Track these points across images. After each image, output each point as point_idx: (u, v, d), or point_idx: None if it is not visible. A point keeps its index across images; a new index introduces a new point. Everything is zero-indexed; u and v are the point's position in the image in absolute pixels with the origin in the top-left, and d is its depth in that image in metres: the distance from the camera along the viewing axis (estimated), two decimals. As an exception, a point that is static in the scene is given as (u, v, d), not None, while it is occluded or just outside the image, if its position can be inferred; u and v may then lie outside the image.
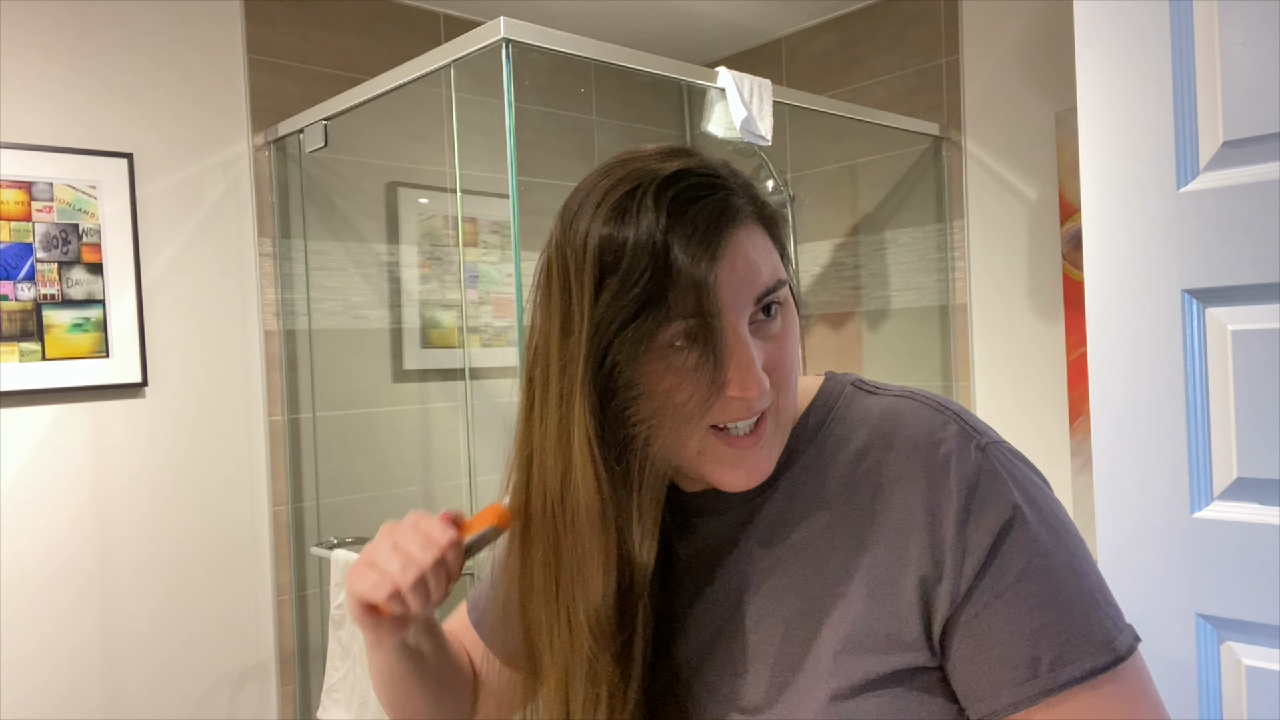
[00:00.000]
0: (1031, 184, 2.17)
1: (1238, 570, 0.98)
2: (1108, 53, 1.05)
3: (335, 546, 2.11)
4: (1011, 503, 0.59)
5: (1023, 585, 0.58)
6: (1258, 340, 0.97)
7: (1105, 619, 0.58)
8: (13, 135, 1.80)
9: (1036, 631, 0.57)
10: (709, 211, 0.57)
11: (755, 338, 0.60)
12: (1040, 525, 0.60)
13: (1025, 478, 0.62)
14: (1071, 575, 0.59)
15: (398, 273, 2.32)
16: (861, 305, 2.53)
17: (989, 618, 0.58)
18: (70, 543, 1.87)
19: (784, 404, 0.62)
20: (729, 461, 0.61)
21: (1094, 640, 0.57)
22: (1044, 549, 0.59)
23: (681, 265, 0.55)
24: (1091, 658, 0.57)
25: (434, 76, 1.70)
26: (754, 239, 0.60)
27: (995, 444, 0.62)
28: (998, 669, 0.58)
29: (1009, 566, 0.58)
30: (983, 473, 0.60)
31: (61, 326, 1.84)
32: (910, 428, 0.63)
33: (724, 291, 0.57)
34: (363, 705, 1.96)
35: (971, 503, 0.59)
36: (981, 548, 0.58)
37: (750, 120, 1.87)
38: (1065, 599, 0.58)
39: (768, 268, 0.60)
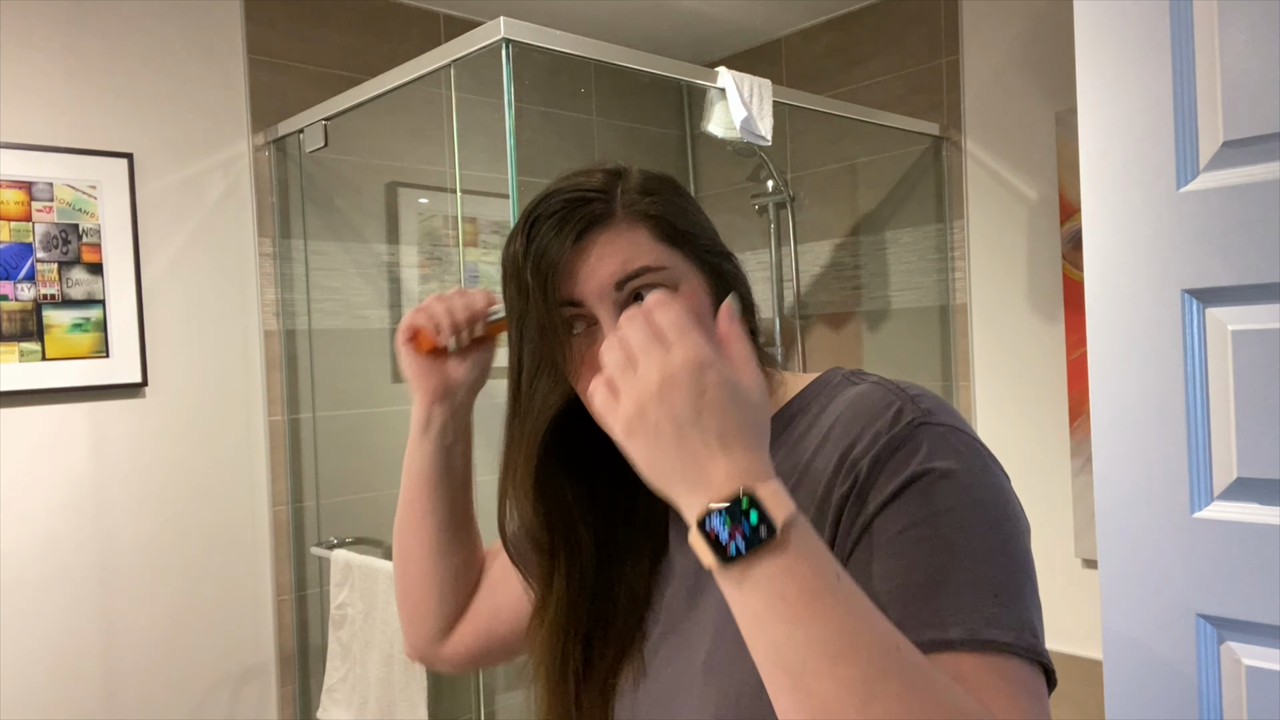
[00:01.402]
0: (1031, 184, 2.17)
1: (1238, 570, 0.98)
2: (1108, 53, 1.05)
3: (335, 546, 2.11)
4: (919, 469, 0.58)
5: (895, 545, 0.56)
6: (1258, 340, 0.97)
7: (976, 607, 0.53)
8: (13, 135, 1.80)
9: (889, 592, 0.55)
10: (563, 217, 0.66)
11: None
12: (945, 497, 0.57)
13: (960, 456, 0.59)
14: (954, 554, 0.55)
15: (398, 273, 2.32)
16: (861, 305, 2.53)
17: (856, 571, 0.56)
18: (70, 543, 1.87)
19: None
20: None
21: (947, 616, 0.53)
22: (935, 518, 0.56)
23: (539, 271, 0.65)
24: (936, 629, 0.53)
25: (434, 76, 1.70)
26: (616, 237, 0.66)
27: (938, 424, 0.61)
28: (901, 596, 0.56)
29: (891, 525, 0.57)
30: (906, 443, 0.60)
31: (61, 326, 1.84)
32: (856, 408, 0.65)
33: (579, 283, 0.65)
34: (363, 705, 1.96)
35: (882, 467, 0.59)
36: (875, 506, 0.58)
37: (750, 120, 1.87)
38: (933, 569, 0.55)
39: (626, 258, 0.65)
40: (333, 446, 2.21)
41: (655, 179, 0.70)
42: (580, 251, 0.65)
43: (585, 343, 0.67)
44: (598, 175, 0.68)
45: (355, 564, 1.99)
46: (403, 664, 1.87)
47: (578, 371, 0.67)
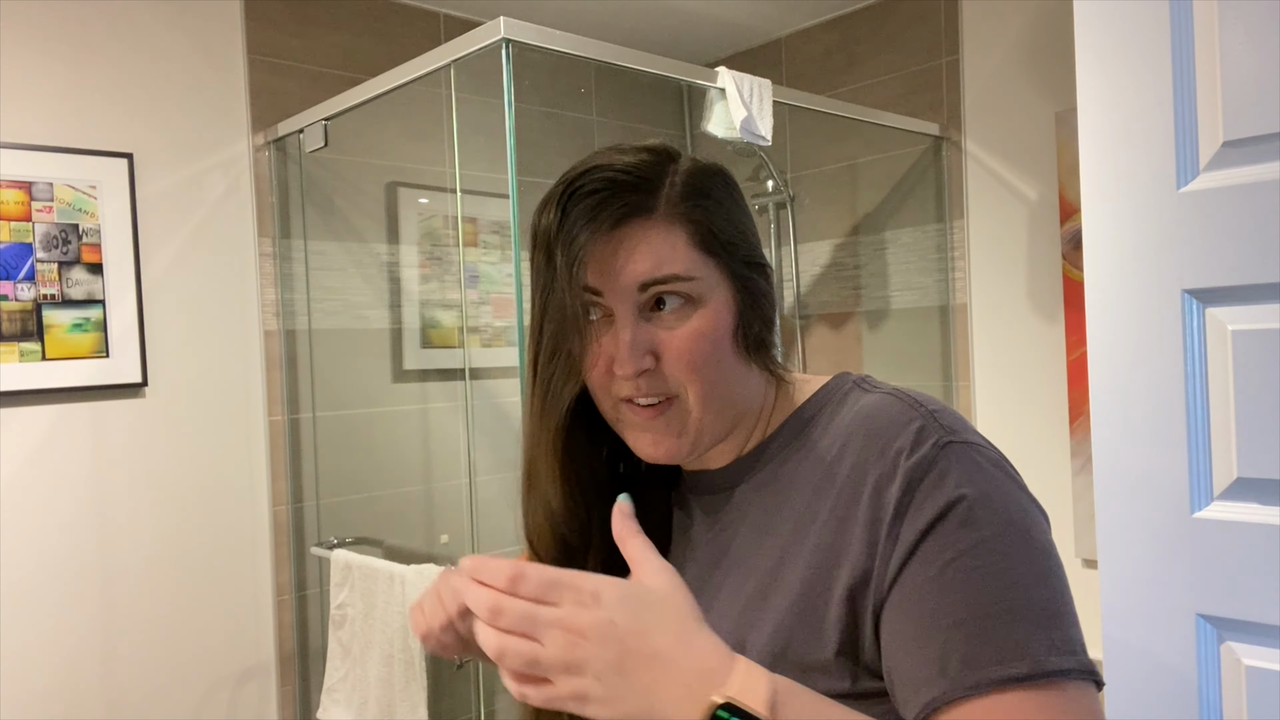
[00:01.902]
0: (1031, 184, 2.17)
1: (1238, 570, 0.98)
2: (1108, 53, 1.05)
3: (335, 546, 2.11)
4: (953, 496, 0.57)
5: (946, 576, 0.55)
6: (1258, 340, 0.97)
7: (1034, 635, 0.53)
8: (13, 135, 1.80)
9: (949, 629, 0.54)
10: (598, 202, 0.63)
11: (649, 324, 0.64)
12: (984, 524, 0.56)
13: (988, 477, 0.59)
14: (1002, 582, 0.55)
15: (398, 273, 2.32)
16: (861, 305, 2.53)
17: (909, 607, 0.56)
18: (70, 543, 1.87)
19: (695, 396, 0.65)
20: (637, 428, 0.66)
21: (1010, 649, 0.53)
22: (978, 547, 0.55)
23: (566, 248, 0.62)
24: (1003, 666, 0.52)
25: (434, 76, 1.70)
26: (653, 233, 0.63)
27: (962, 443, 0.60)
28: (913, 665, 0.55)
29: (936, 558, 0.56)
30: (933, 467, 0.58)
31: (61, 326, 1.84)
32: (875, 422, 0.63)
33: (601, 275, 0.63)
34: (363, 705, 1.96)
35: (912, 496, 0.58)
36: (912, 536, 0.57)
37: (750, 120, 1.87)
38: (990, 600, 0.54)
39: (654, 262, 0.63)
40: (333, 446, 2.22)
41: (707, 174, 0.67)
42: (613, 242, 0.63)
43: (600, 330, 0.65)
44: (647, 157, 0.66)
45: (355, 564, 1.99)
46: (403, 664, 1.87)
47: (589, 358, 0.65)
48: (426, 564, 1.87)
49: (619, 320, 0.64)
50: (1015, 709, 0.52)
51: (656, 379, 0.64)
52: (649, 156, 0.66)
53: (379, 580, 1.92)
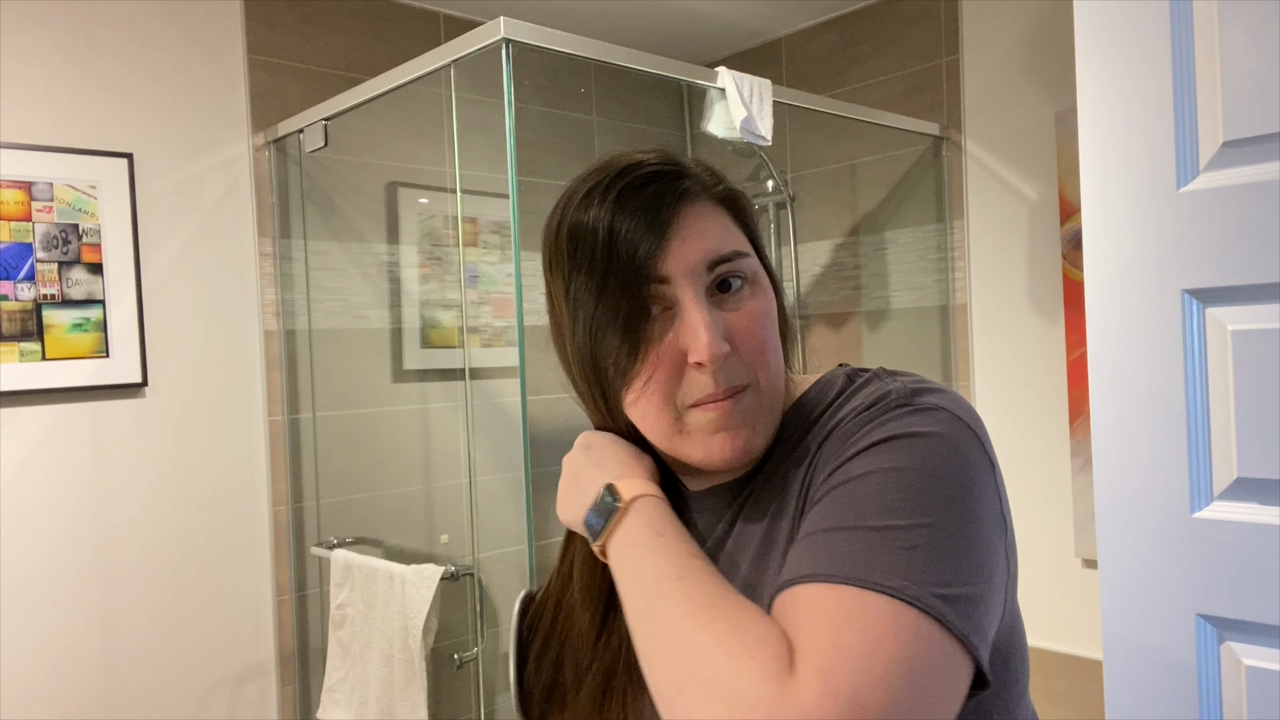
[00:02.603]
0: (1031, 184, 2.17)
1: (1238, 570, 0.98)
2: (1108, 53, 1.05)
3: (335, 546, 2.11)
4: (877, 438, 0.57)
5: (824, 501, 0.56)
6: (1258, 340, 0.97)
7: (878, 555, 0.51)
8: (13, 135, 1.80)
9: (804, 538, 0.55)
10: (655, 191, 0.62)
11: (716, 309, 0.62)
12: (887, 461, 0.55)
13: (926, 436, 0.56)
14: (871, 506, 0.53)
15: (398, 273, 2.32)
16: (861, 305, 2.53)
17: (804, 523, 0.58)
18: (70, 543, 1.87)
19: (764, 380, 0.63)
20: (708, 430, 0.63)
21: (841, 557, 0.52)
22: (867, 476, 0.55)
23: (628, 241, 0.60)
24: (824, 564, 0.52)
25: (434, 76, 1.70)
26: (706, 213, 0.63)
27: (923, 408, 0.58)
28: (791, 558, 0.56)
29: (828, 484, 0.57)
30: (880, 417, 0.59)
31: (61, 326, 1.84)
32: (855, 401, 0.63)
33: (671, 259, 0.61)
34: (363, 705, 1.96)
35: (855, 430, 0.59)
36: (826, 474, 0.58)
37: (750, 120, 1.87)
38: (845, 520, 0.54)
39: (720, 238, 0.63)
40: (333, 446, 2.22)
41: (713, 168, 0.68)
42: (675, 227, 0.61)
43: (660, 328, 0.62)
44: (655, 155, 0.65)
45: (355, 564, 1.99)
46: (403, 664, 1.87)
47: (646, 357, 0.62)
48: (426, 564, 1.87)
49: (688, 306, 0.61)
50: (820, 597, 0.51)
51: (731, 367, 0.62)
52: (661, 155, 0.66)
53: (379, 580, 1.92)
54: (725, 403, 0.62)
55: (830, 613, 0.50)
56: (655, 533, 0.59)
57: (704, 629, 0.51)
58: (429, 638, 1.84)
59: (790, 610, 0.52)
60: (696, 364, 0.61)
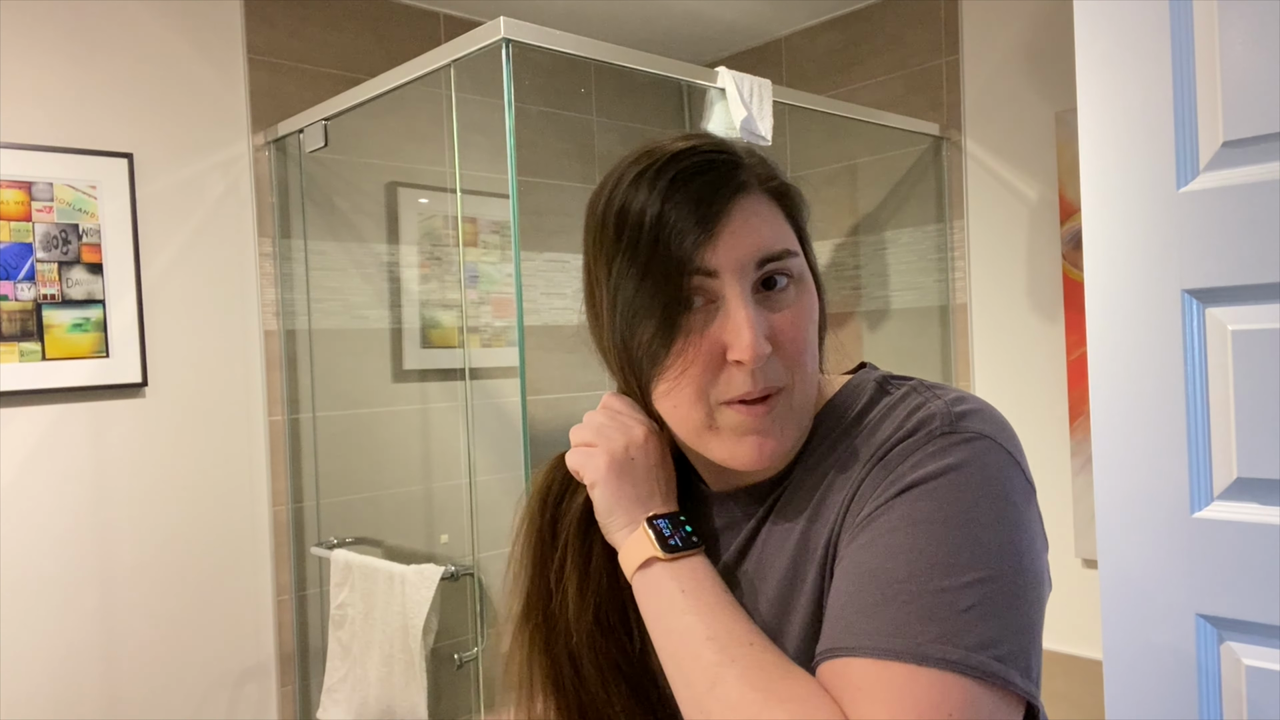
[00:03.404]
0: (1031, 184, 2.17)
1: (1238, 570, 0.98)
2: (1108, 53, 1.05)
3: (335, 546, 2.11)
4: (918, 477, 0.56)
5: (867, 549, 0.55)
6: (1258, 340, 0.97)
7: (931, 620, 0.51)
8: (13, 135, 1.80)
9: (849, 594, 0.54)
10: (709, 180, 0.60)
11: (760, 308, 0.60)
12: (933, 508, 0.54)
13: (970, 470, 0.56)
14: (921, 562, 0.53)
15: (398, 273, 2.32)
16: (861, 305, 2.53)
17: (838, 571, 0.57)
18: (70, 543, 1.87)
19: (799, 384, 0.62)
20: (739, 431, 0.61)
21: (897, 626, 0.51)
22: (912, 524, 0.54)
23: (677, 230, 0.59)
24: (880, 638, 0.51)
25: (434, 76, 1.70)
26: (759, 208, 0.61)
27: (965, 434, 0.57)
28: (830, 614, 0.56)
29: (872, 529, 0.56)
30: (916, 450, 0.57)
31: (61, 326, 1.84)
32: (891, 417, 0.62)
33: (720, 253, 0.59)
34: (363, 705, 1.96)
35: (885, 475, 0.58)
36: (866, 513, 0.57)
37: (750, 120, 1.87)
38: (895, 579, 0.53)
39: (772, 234, 0.61)
40: (333, 446, 2.21)
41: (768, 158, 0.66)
42: (727, 219, 0.59)
43: (700, 320, 0.60)
44: (711, 140, 0.63)
45: (355, 564, 1.99)
46: (403, 664, 1.87)
47: (684, 350, 0.60)
48: (426, 564, 1.87)
49: (732, 302, 0.59)
50: (875, 677, 0.51)
51: (771, 367, 0.60)
52: (717, 141, 0.64)
53: (379, 580, 1.92)
54: (759, 406, 0.60)
55: (886, 696, 0.50)
56: (721, 587, 0.61)
57: (775, 708, 0.52)
58: (429, 638, 1.84)
59: (840, 687, 0.52)
60: (737, 362, 0.59)
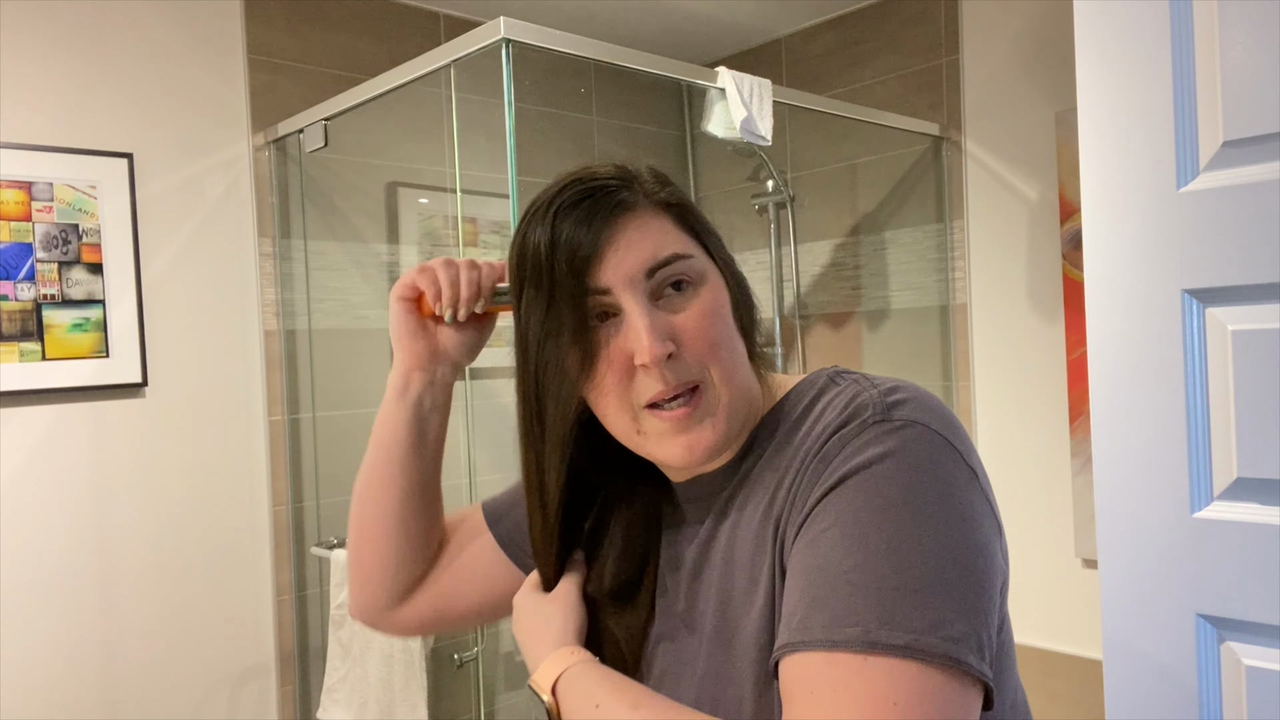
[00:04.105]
0: (1031, 184, 2.17)
1: (1238, 570, 0.98)
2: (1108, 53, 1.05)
3: (335, 546, 2.11)
4: (856, 464, 0.57)
5: (814, 545, 0.57)
6: (1258, 340, 0.97)
7: (877, 605, 0.52)
8: (13, 135, 1.80)
9: (802, 590, 0.56)
10: (592, 204, 0.64)
11: (664, 311, 0.64)
12: (873, 495, 0.56)
13: (908, 454, 0.57)
14: (865, 550, 0.54)
15: (398, 273, 2.32)
16: (861, 305, 2.53)
17: (791, 566, 0.59)
18: (70, 543, 1.87)
19: (718, 377, 0.65)
20: (666, 434, 0.65)
21: (845, 614, 0.52)
22: (854, 515, 0.55)
23: (566, 255, 0.63)
24: (830, 629, 0.53)
25: (434, 76, 1.70)
26: (645, 222, 0.65)
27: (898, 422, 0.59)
28: (781, 617, 0.58)
29: (815, 524, 0.58)
30: (851, 440, 0.59)
31: (61, 326, 1.84)
32: (833, 410, 0.63)
33: (608, 270, 0.63)
34: (363, 705, 1.96)
35: (823, 468, 0.59)
36: (807, 509, 0.59)
37: (750, 120, 1.87)
38: (842, 569, 0.54)
39: (657, 244, 0.64)
40: (333, 446, 2.21)
41: (665, 175, 0.70)
42: (610, 238, 0.63)
43: (604, 335, 0.64)
44: (608, 168, 0.68)
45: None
46: (403, 664, 1.87)
47: (594, 369, 0.65)
48: (426, 564, 1.87)
49: (630, 312, 0.63)
50: (832, 669, 0.52)
51: (680, 365, 0.63)
52: (610, 167, 0.68)
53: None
54: (679, 410, 0.64)
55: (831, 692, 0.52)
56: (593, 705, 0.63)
57: None
58: (429, 638, 1.84)
59: (789, 683, 0.54)
60: (641, 365, 0.63)
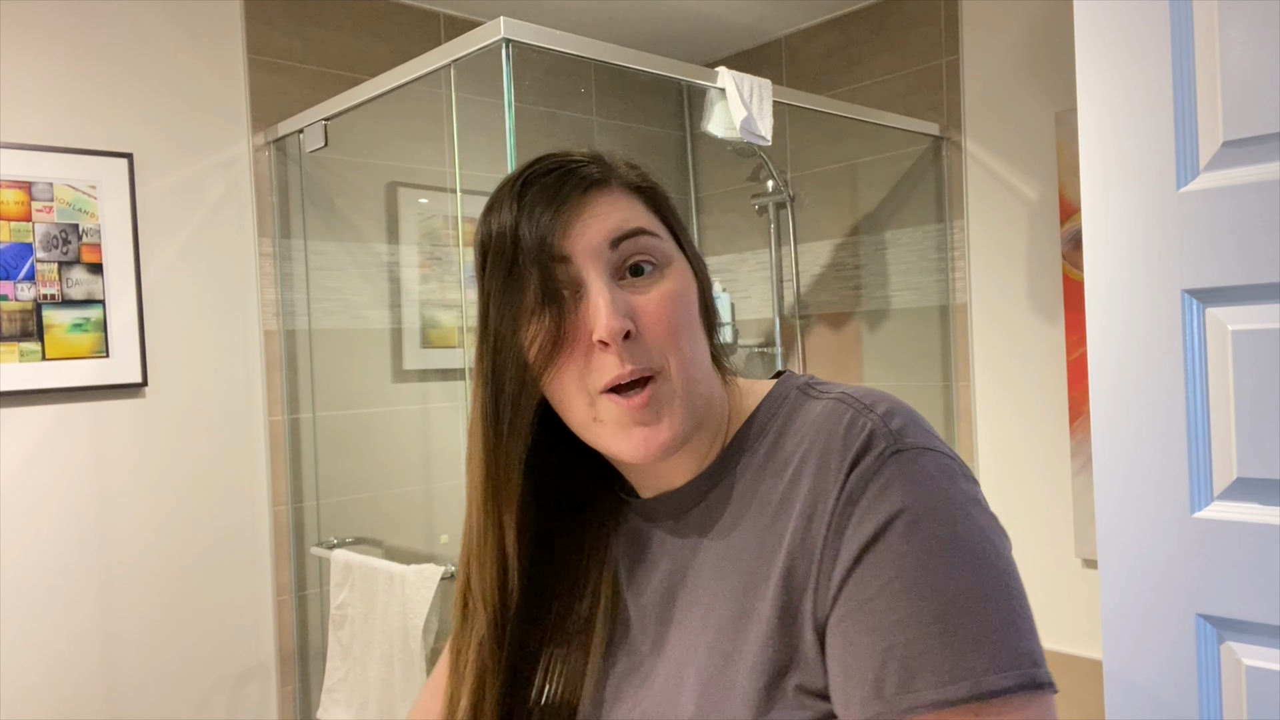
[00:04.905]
0: (1031, 184, 2.17)
1: (1238, 570, 0.98)
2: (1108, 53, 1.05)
3: (335, 546, 2.11)
4: (894, 510, 0.55)
5: (881, 600, 0.54)
6: (1258, 340, 0.97)
7: (972, 654, 0.52)
8: (13, 135, 1.80)
9: (886, 651, 0.53)
10: (560, 176, 0.63)
11: (626, 292, 0.62)
12: (923, 539, 0.55)
13: (934, 487, 0.56)
14: (945, 596, 0.53)
15: (398, 273, 2.32)
16: (861, 305, 2.53)
17: (846, 629, 0.55)
18: (70, 543, 1.87)
19: (677, 367, 0.62)
20: (622, 423, 0.61)
21: (946, 671, 0.52)
22: (915, 564, 0.54)
23: (530, 223, 0.61)
24: (941, 689, 0.51)
25: (434, 76, 1.70)
26: (615, 199, 0.63)
27: (911, 450, 0.58)
28: (849, 685, 0.54)
29: (874, 577, 0.55)
30: (875, 478, 0.57)
31: (61, 326, 1.84)
32: (830, 433, 0.60)
33: (572, 238, 0.61)
34: (363, 705, 1.96)
35: (853, 510, 0.57)
36: (850, 556, 0.56)
37: (750, 120, 1.87)
38: (927, 620, 0.53)
39: (624, 217, 0.63)
40: (333, 446, 2.21)
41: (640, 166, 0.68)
42: (576, 209, 0.62)
43: (567, 310, 0.62)
44: (582, 150, 0.66)
45: (355, 564, 1.99)
46: (403, 664, 1.87)
47: (554, 348, 0.61)
48: (426, 564, 1.87)
49: (592, 286, 0.60)
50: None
51: (638, 348, 0.60)
52: (586, 150, 0.66)
53: (379, 580, 1.92)
54: (636, 398, 0.60)
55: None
56: None
57: None
58: (429, 638, 1.84)
59: None
60: (600, 342, 0.60)
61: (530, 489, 0.67)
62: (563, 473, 0.71)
